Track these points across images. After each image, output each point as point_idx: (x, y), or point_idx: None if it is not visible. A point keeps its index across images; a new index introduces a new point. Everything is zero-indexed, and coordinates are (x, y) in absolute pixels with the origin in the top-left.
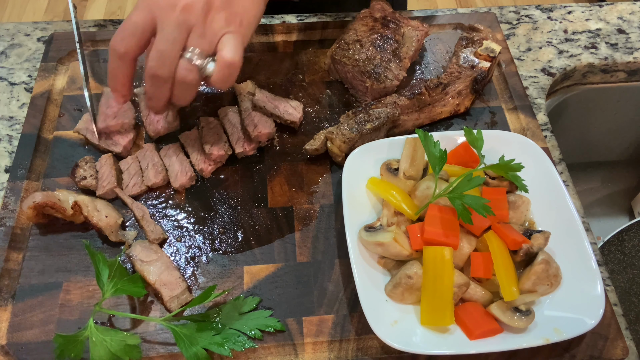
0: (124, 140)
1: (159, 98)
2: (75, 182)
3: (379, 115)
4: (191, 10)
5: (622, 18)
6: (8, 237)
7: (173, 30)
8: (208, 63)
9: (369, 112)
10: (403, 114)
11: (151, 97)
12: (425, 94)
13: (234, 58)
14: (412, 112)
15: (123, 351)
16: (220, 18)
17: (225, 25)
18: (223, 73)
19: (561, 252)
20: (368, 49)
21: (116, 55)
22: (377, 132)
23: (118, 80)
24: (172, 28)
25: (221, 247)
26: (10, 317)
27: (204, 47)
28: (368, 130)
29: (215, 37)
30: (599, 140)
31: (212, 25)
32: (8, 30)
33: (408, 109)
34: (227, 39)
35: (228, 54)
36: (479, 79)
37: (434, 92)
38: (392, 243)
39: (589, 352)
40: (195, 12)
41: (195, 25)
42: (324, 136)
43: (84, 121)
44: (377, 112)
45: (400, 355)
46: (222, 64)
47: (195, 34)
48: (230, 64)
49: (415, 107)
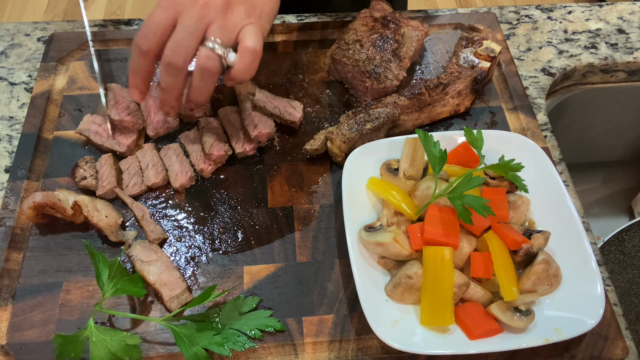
0: (127, 140)
1: (172, 89)
2: (75, 182)
3: (379, 115)
4: (211, 5)
5: (622, 18)
6: (8, 237)
7: (192, 22)
8: (229, 52)
9: (369, 112)
10: (403, 114)
11: (164, 89)
12: (425, 94)
13: (255, 46)
14: (412, 112)
15: (123, 351)
16: (240, 11)
17: (245, 17)
18: (246, 61)
19: (561, 252)
20: (368, 49)
21: (139, 52)
22: (377, 132)
23: (139, 77)
24: (191, 21)
25: (221, 247)
26: (10, 317)
27: (224, 38)
28: (368, 130)
29: (235, 29)
30: (599, 140)
31: (232, 18)
32: (8, 30)
33: (408, 109)
34: (248, 29)
35: (250, 42)
36: (479, 79)
37: (434, 92)
38: (392, 243)
39: (589, 352)
40: (215, 7)
41: (215, 19)
42: (324, 136)
43: (86, 122)
44: (377, 112)
45: (400, 355)
46: (245, 51)
47: (215, 25)
48: (252, 50)
49: (415, 107)
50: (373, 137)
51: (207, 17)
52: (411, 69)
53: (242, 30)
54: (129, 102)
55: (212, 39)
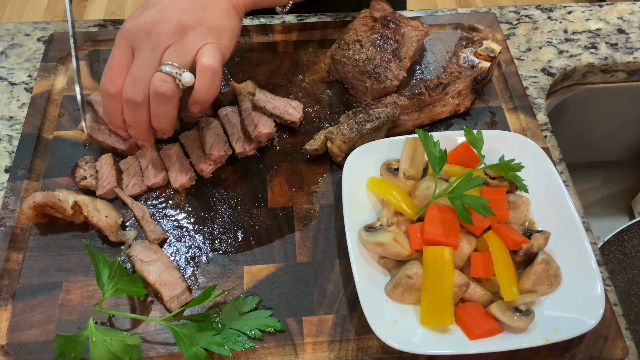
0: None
1: (138, 124)
2: (75, 182)
3: (379, 115)
4: (163, 32)
5: (622, 18)
6: (8, 237)
7: (147, 55)
8: (183, 72)
9: (369, 112)
10: (403, 114)
11: (131, 125)
12: (425, 94)
13: (213, 63)
14: (412, 112)
15: (123, 351)
16: (196, 33)
17: (202, 38)
18: (204, 79)
19: (561, 252)
20: (368, 49)
21: (108, 97)
22: (377, 132)
23: (117, 120)
24: (146, 54)
25: (221, 247)
26: (10, 317)
27: (179, 61)
28: (368, 130)
29: (192, 50)
30: (599, 140)
31: (188, 41)
32: (8, 30)
33: (408, 109)
34: (206, 48)
35: (206, 60)
36: (479, 79)
37: (434, 92)
38: (392, 243)
39: (589, 352)
40: (167, 34)
41: (170, 45)
42: (324, 136)
43: (88, 119)
44: (377, 112)
45: (400, 355)
46: (202, 70)
47: (170, 50)
48: (210, 68)
49: (415, 107)
50: (373, 137)
51: (161, 45)
52: (411, 69)
53: (199, 51)
54: None
55: (166, 63)
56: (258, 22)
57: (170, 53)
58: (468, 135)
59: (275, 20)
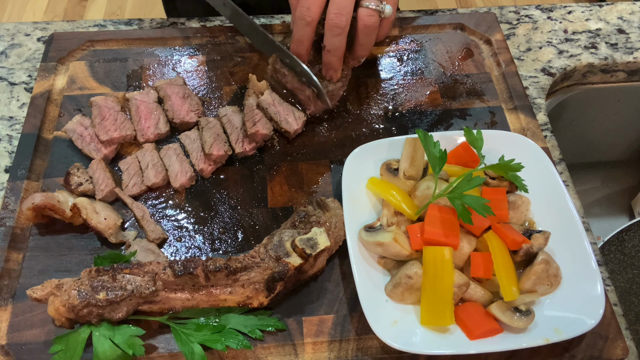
0: (107, 149)
1: (337, 49)
2: (71, 190)
3: (124, 285)
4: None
5: (622, 18)
6: (8, 237)
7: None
8: (385, 6)
9: (117, 276)
10: (168, 291)
11: (330, 50)
12: (200, 275)
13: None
14: (183, 291)
15: (127, 344)
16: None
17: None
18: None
19: (561, 252)
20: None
21: (304, 24)
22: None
23: (304, 46)
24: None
25: (221, 247)
26: (10, 317)
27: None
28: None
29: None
30: (599, 140)
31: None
32: (8, 30)
33: (176, 285)
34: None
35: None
36: (276, 277)
37: (214, 275)
38: (392, 243)
39: (589, 352)
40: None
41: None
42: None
43: (74, 122)
44: (127, 279)
45: (400, 355)
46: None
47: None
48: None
49: (189, 286)
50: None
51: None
52: (411, 69)
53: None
54: (115, 113)
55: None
56: (258, 22)
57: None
58: (468, 135)
59: (275, 20)
